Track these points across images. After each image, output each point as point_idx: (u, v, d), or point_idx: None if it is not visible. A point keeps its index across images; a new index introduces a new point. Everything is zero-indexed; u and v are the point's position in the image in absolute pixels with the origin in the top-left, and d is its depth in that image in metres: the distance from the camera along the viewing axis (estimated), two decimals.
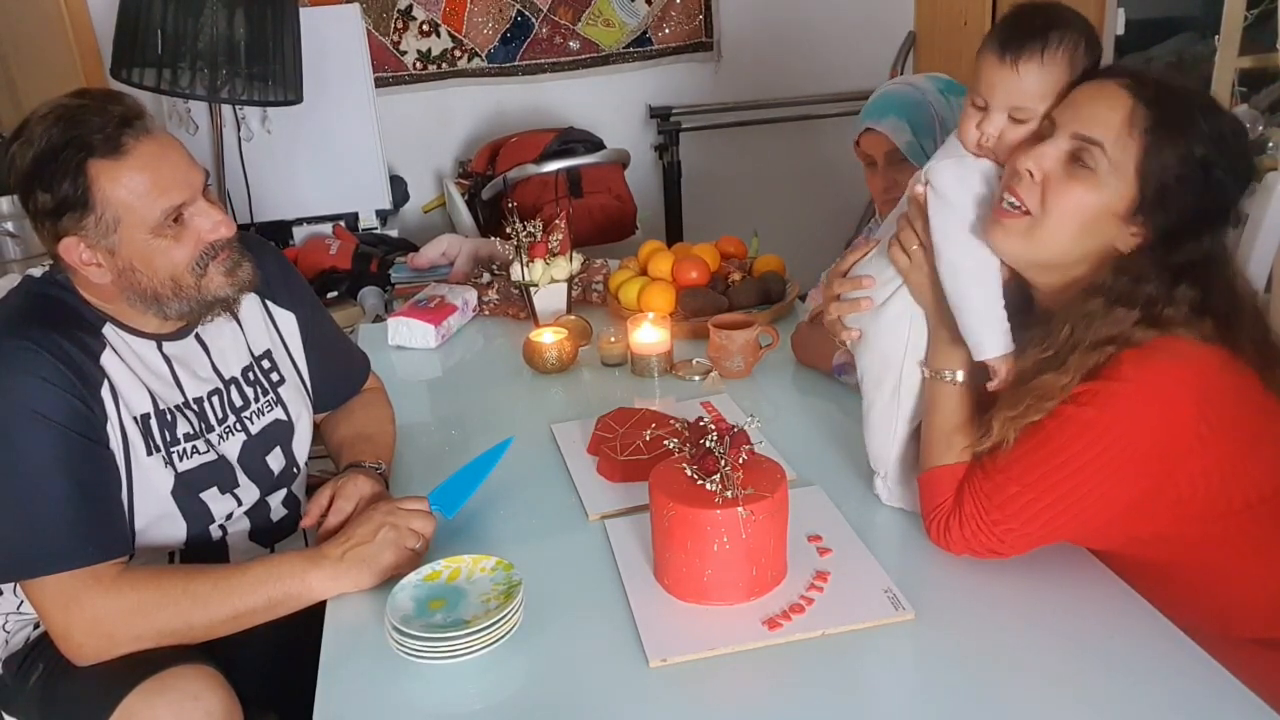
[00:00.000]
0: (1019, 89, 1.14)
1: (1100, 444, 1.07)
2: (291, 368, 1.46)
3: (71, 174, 1.15)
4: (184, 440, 1.28)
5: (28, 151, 1.16)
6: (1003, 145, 1.17)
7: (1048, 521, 1.11)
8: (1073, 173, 1.09)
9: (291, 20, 2.52)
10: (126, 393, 1.23)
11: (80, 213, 1.17)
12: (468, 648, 1.06)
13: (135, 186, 1.17)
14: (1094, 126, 1.08)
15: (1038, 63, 1.13)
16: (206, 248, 1.24)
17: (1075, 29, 1.15)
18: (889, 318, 1.27)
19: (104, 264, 1.20)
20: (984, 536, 1.14)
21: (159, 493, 1.26)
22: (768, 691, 1.04)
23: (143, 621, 1.15)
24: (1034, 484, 1.10)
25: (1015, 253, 1.15)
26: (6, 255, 2.53)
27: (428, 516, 1.26)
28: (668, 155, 3.54)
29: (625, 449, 1.43)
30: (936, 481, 1.20)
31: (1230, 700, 0.97)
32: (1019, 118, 1.15)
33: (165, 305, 1.24)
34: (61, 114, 1.17)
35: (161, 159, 1.20)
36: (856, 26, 3.69)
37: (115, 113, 1.18)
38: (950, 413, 1.21)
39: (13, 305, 1.24)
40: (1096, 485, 1.08)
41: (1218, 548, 1.12)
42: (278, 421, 1.41)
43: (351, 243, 2.89)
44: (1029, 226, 1.11)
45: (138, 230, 1.19)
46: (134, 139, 1.17)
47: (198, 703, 1.14)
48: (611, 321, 2.04)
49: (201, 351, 1.34)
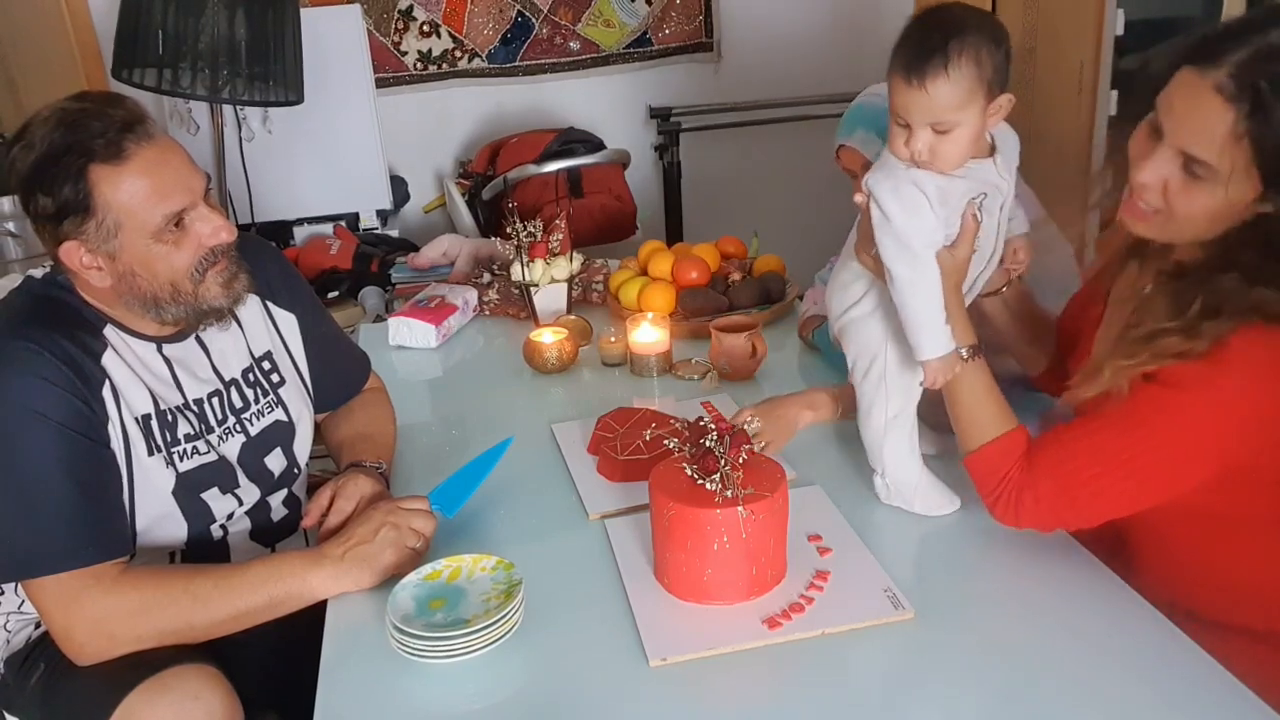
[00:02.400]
0: (932, 107, 1.14)
1: (1190, 424, 1.07)
2: (292, 368, 1.46)
3: (73, 179, 1.15)
4: (184, 441, 1.28)
5: (29, 155, 1.16)
6: (937, 157, 1.17)
7: (1122, 495, 1.12)
8: (1188, 183, 1.06)
9: (292, 20, 2.52)
10: (128, 393, 1.23)
11: (81, 217, 1.17)
12: (468, 647, 1.06)
13: (136, 192, 1.17)
14: (1197, 143, 1.04)
15: (944, 79, 1.13)
16: (206, 253, 1.24)
17: (974, 29, 1.14)
18: (864, 311, 1.30)
19: (104, 268, 1.20)
20: (1060, 510, 1.14)
21: (160, 493, 1.26)
22: (768, 691, 1.04)
23: (144, 621, 1.15)
24: (1114, 460, 1.10)
25: (1155, 237, 1.15)
26: (7, 255, 2.53)
27: (428, 516, 1.26)
28: (668, 155, 3.54)
29: (625, 449, 1.43)
30: (988, 459, 1.19)
31: (1230, 699, 0.97)
32: (942, 130, 1.16)
33: (163, 310, 1.25)
34: (63, 118, 1.17)
35: (163, 164, 1.20)
36: (856, 26, 3.69)
37: (117, 117, 1.17)
38: (970, 388, 1.21)
39: (14, 305, 1.24)
40: (1176, 464, 1.09)
41: (1263, 530, 1.13)
42: (278, 423, 1.42)
43: (352, 243, 2.89)
44: (1163, 222, 1.11)
45: (139, 235, 1.19)
46: (135, 144, 1.17)
47: (198, 702, 1.14)
48: (611, 321, 2.04)
49: (202, 353, 1.34)
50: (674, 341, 1.83)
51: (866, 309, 1.29)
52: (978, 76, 1.14)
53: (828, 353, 1.75)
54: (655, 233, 3.37)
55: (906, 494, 1.31)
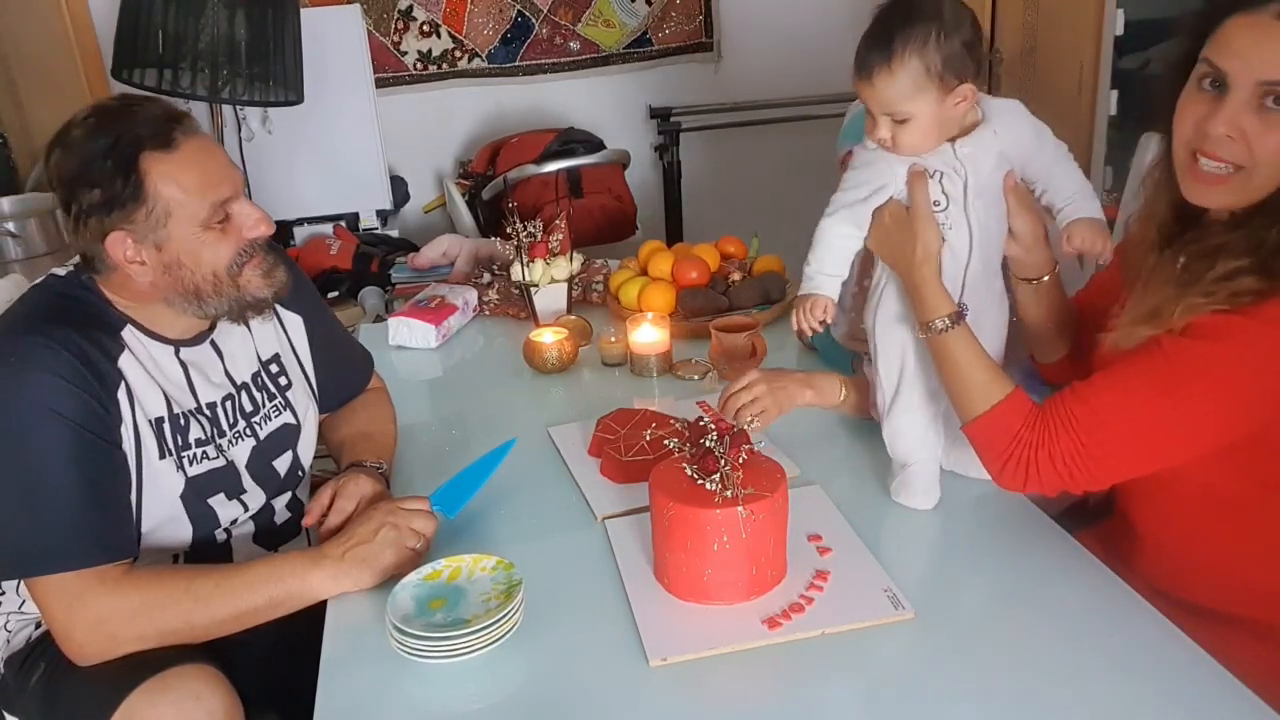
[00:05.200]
0: (880, 99, 1.20)
1: (1228, 379, 1.06)
2: (299, 370, 1.46)
3: (124, 168, 1.16)
4: (195, 445, 1.29)
5: (73, 152, 1.17)
6: (899, 144, 1.22)
7: (1141, 452, 1.11)
8: (1268, 119, 1.05)
9: (292, 21, 2.52)
10: (142, 395, 1.23)
11: (131, 206, 1.17)
12: (468, 647, 1.06)
13: (186, 180, 1.19)
14: (1277, 69, 1.03)
15: (887, 73, 1.18)
16: (245, 246, 1.26)
17: (923, 21, 1.16)
18: (889, 315, 1.31)
19: (148, 261, 1.21)
20: (1074, 469, 1.12)
21: (168, 496, 1.26)
22: (768, 691, 1.04)
23: (146, 622, 1.15)
24: (1139, 413, 1.09)
25: (1222, 205, 1.13)
26: (7, 255, 2.54)
27: (429, 516, 1.26)
28: (668, 155, 3.54)
29: (629, 450, 1.43)
30: (994, 423, 1.18)
31: (1228, 696, 0.97)
32: (900, 119, 1.20)
33: (205, 303, 1.25)
34: (105, 114, 1.19)
35: (209, 154, 1.23)
36: (856, 27, 3.68)
37: (160, 109, 1.20)
38: (964, 354, 1.20)
39: (35, 302, 1.24)
40: (1205, 420, 1.08)
41: (1259, 510, 1.13)
42: (286, 425, 1.42)
43: (352, 243, 2.89)
44: (1241, 182, 1.09)
45: (187, 224, 1.20)
46: (183, 134, 1.20)
47: (199, 703, 1.14)
48: (611, 321, 2.04)
49: (216, 357, 1.34)
50: (674, 341, 1.83)
51: (891, 312, 1.30)
52: (923, 69, 1.17)
53: (826, 354, 1.75)
54: (655, 233, 3.36)
55: (898, 473, 1.32)
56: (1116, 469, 1.13)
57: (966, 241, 1.25)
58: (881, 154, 1.25)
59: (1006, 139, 1.24)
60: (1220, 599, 1.17)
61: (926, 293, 1.22)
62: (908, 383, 1.30)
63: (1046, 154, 1.26)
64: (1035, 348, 1.44)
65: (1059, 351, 1.42)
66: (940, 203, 1.23)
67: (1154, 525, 1.24)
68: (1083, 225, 1.24)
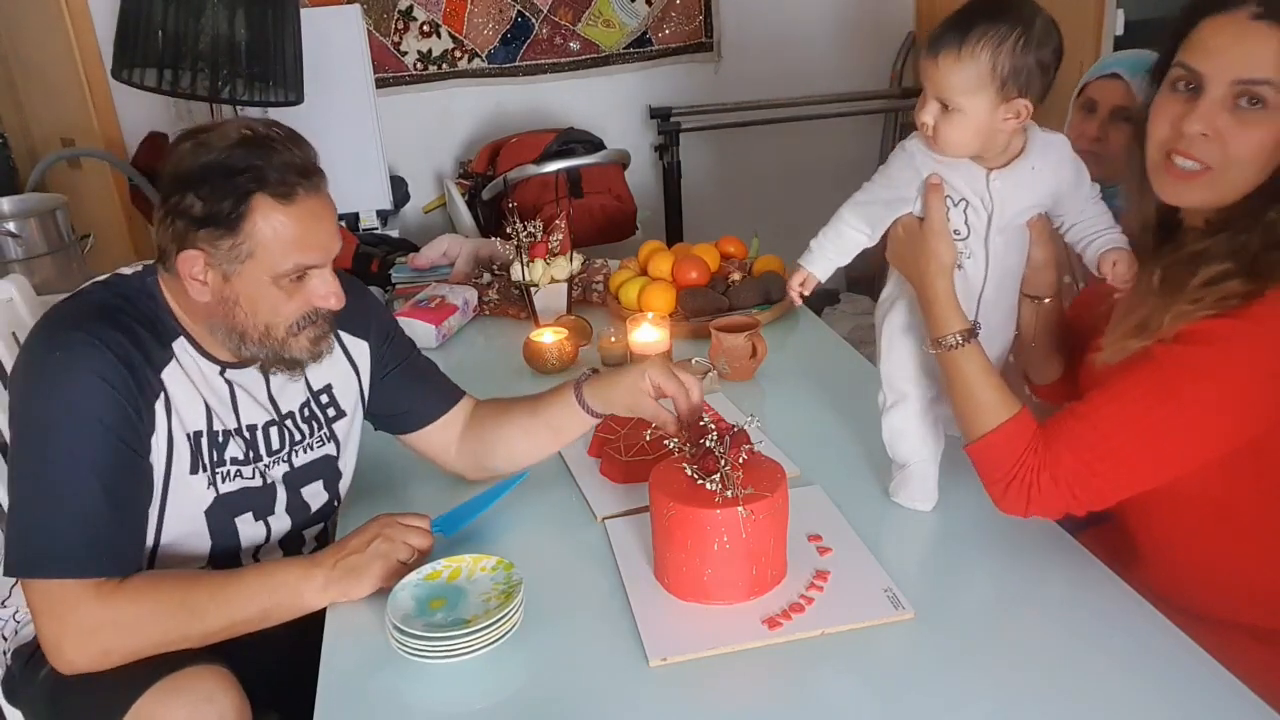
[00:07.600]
0: (938, 81, 1.16)
1: (1224, 382, 1.05)
2: (353, 399, 1.42)
3: (236, 197, 1.14)
4: (230, 463, 1.28)
5: (202, 155, 1.15)
6: (938, 135, 1.18)
7: (1143, 465, 1.10)
8: (1243, 118, 1.05)
9: (292, 21, 2.52)
10: (183, 408, 1.22)
11: (221, 234, 1.16)
12: (468, 647, 1.06)
13: (284, 234, 1.17)
14: (1252, 67, 1.03)
15: (954, 58, 1.14)
16: (310, 311, 1.24)
17: (1010, 23, 1.13)
18: (898, 324, 1.30)
19: (210, 284, 1.19)
20: (1076, 489, 1.11)
21: (193, 510, 1.25)
22: (768, 691, 1.04)
23: (139, 635, 1.14)
24: (1140, 425, 1.08)
25: (1196, 203, 1.13)
26: (7, 255, 2.53)
27: (425, 534, 1.25)
28: (668, 155, 3.54)
29: (629, 450, 1.43)
30: (997, 444, 1.16)
31: (1230, 698, 0.97)
32: (949, 109, 1.17)
33: (245, 346, 1.23)
34: (250, 138, 1.16)
35: (318, 219, 1.20)
36: (856, 27, 3.70)
37: (297, 159, 1.18)
38: (974, 372, 1.19)
39: (91, 298, 1.22)
40: (1206, 427, 1.07)
41: (1260, 518, 1.13)
42: (326, 457, 1.39)
43: (352, 243, 2.88)
44: (1211, 180, 1.09)
45: (263, 272, 1.18)
46: (304, 191, 1.18)
47: (211, 705, 1.13)
48: (611, 321, 2.04)
49: (262, 382, 1.32)
50: (674, 341, 1.83)
51: (901, 322, 1.30)
52: (990, 68, 1.14)
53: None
54: (655, 233, 3.36)
55: (898, 474, 1.33)
56: (1121, 485, 1.12)
57: (982, 272, 1.24)
58: (914, 163, 1.22)
59: (1044, 176, 1.21)
60: (1221, 605, 1.16)
61: (939, 308, 1.20)
62: (910, 388, 1.30)
63: (1083, 193, 1.24)
64: (1031, 368, 1.44)
65: (1055, 372, 1.42)
66: (960, 232, 1.21)
67: (1152, 533, 1.23)
68: (1124, 256, 1.21)
